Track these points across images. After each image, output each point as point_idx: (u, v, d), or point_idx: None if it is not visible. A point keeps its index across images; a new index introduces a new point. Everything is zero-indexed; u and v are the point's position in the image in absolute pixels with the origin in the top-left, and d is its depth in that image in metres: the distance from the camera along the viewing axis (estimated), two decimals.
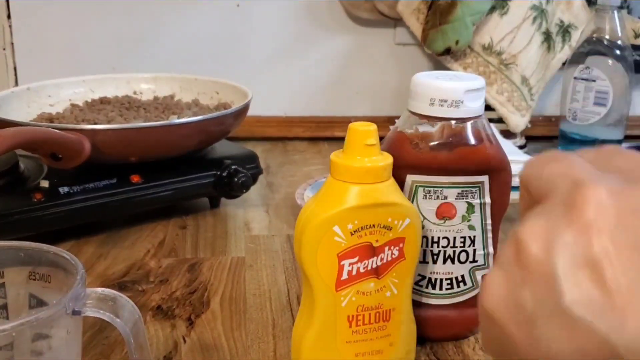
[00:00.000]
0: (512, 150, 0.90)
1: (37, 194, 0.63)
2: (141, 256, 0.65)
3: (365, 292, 0.43)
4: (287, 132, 1.06)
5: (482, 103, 0.48)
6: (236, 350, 0.50)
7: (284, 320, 0.54)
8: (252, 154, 0.78)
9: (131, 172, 0.69)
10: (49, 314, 0.34)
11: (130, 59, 1.04)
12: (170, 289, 0.59)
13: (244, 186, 0.73)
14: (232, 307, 0.56)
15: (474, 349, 0.51)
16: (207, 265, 0.63)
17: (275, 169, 0.91)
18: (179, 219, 0.74)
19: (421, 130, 0.48)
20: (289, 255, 0.66)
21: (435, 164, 0.47)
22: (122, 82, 0.88)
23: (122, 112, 0.78)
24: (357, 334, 0.44)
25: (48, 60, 1.02)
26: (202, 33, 1.04)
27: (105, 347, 0.50)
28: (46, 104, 0.82)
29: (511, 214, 0.52)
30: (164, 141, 0.69)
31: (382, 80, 1.09)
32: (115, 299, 0.37)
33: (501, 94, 0.99)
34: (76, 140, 0.63)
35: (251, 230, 0.72)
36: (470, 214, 0.49)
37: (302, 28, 1.05)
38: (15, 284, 0.40)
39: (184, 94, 0.87)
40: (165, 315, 0.54)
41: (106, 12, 1.01)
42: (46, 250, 0.39)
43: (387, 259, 0.43)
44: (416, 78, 0.48)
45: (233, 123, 0.74)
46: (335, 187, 0.43)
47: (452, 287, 0.50)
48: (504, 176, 0.49)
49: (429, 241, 0.49)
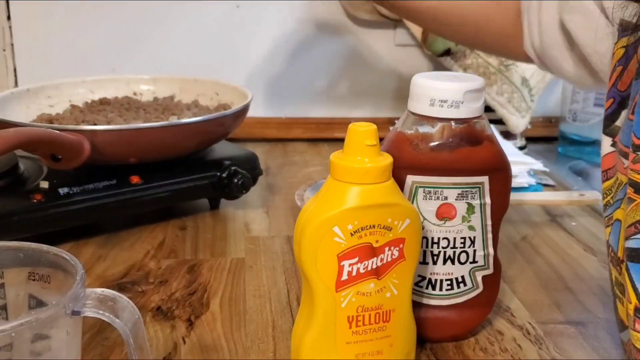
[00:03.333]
0: (512, 151, 0.90)
1: (36, 195, 0.63)
2: (141, 257, 0.65)
3: (365, 293, 0.43)
4: (287, 133, 1.06)
5: (482, 104, 0.48)
6: (236, 351, 0.50)
7: (284, 321, 0.54)
8: (252, 155, 0.78)
9: (131, 173, 0.69)
10: (49, 314, 0.34)
11: (130, 60, 1.04)
12: (170, 290, 0.58)
13: (244, 187, 0.73)
14: (232, 308, 0.56)
15: (474, 350, 0.51)
16: (206, 266, 0.63)
17: (275, 170, 0.91)
18: (179, 220, 0.73)
19: (421, 131, 0.48)
20: (288, 256, 0.66)
21: (435, 164, 0.47)
22: (122, 83, 0.88)
23: (122, 113, 0.78)
24: (357, 334, 0.44)
25: (48, 61, 1.02)
26: (202, 34, 1.04)
27: (105, 348, 0.50)
28: (46, 105, 0.82)
29: (511, 215, 0.52)
30: (164, 142, 0.68)
31: (382, 81, 1.09)
32: (115, 299, 0.37)
33: (501, 95, 0.99)
34: (76, 141, 0.63)
35: (251, 231, 0.72)
36: (470, 214, 0.49)
37: (302, 29, 1.05)
38: (14, 284, 0.40)
39: (183, 95, 0.87)
40: (165, 316, 0.54)
41: (106, 13, 1.01)
42: (46, 251, 0.39)
43: (387, 259, 0.43)
44: (416, 79, 0.48)
45: (233, 124, 0.74)
46: (335, 187, 0.43)
47: (452, 288, 0.50)
48: (504, 177, 0.49)
49: (429, 242, 0.49)
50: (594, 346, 0.52)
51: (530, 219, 0.77)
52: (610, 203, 0.46)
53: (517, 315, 0.56)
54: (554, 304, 0.58)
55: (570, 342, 0.53)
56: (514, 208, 0.75)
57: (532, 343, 0.52)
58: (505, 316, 0.56)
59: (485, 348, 0.51)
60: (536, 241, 0.71)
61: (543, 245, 0.70)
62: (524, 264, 0.66)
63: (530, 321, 0.55)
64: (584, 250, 0.69)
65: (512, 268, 0.65)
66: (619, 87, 0.47)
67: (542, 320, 0.56)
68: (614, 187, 0.45)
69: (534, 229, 0.74)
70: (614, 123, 0.47)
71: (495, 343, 0.52)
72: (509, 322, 0.55)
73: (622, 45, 0.47)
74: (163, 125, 0.69)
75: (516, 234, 0.72)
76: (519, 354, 0.51)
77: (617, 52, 0.48)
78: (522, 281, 0.62)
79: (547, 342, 0.52)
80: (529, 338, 0.53)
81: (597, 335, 0.53)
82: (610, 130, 0.47)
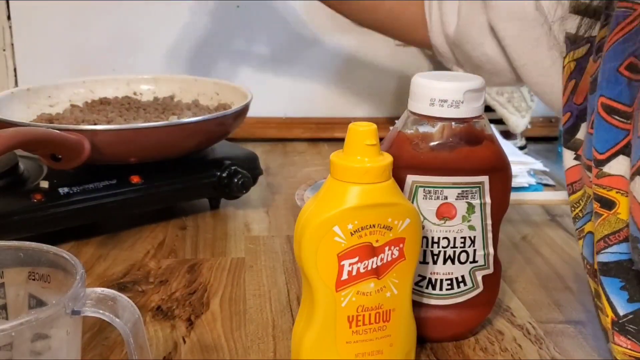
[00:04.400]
0: (512, 151, 0.90)
1: (36, 195, 0.63)
2: (141, 257, 0.65)
3: (366, 293, 0.43)
4: (287, 133, 1.06)
5: (482, 103, 0.48)
6: (236, 351, 0.50)
7: (284, 321, 0.54)
8: (252, 155, 0.78)
9: (131, 173, 0.69)
10: (49, 313, 0.34)
11: (130, 59, 1.04)
12: (170, 290, 0.58)
13: (244, 187, 0.73)
14: (232, 308, 0.56)
15: (474, 350, 0.51)
16: (206, 266, 0.63)
17: (275, 170, 0.91)
18: (179, 219, 0.73)
19: (421, 131, 0.48)
20: (289, 256, 0.66)
21: (435, 164, 0.47)
22: (122, 83, 0.88)
23: (122, 112, 0.78)
24: (357, 334, 0.44)
25: (48, 61, 1.03)
26: (202, 34, 1.04)
27: (105, 348, 0.50)
28: (46, 105, 0.82)
29: (511, 214, 0.52)
30: (164, 142, 0.68)
31: (382, 81, 1.09)
32: (115, 299, 0.37)
33: (501, 95, 0.99)
34: (76, 140, 0.63)
35: (251, 231, 0.72)
36: (470, 214, 0.49)
37: (302, 29, 1.05)
38: (14, 284, 0.40)
39: (183, 94, 0.87)
40: (165, 316, 0.54)
41: (106, 13, 1.01)
42: (46, 251, 0.39)
43: (387, 259, 0.43)
44: (416, 78, 0.48)
45: (233, 124, 0.74)
46: (335, 187, 0.42)
47: (452, 287, 0.50)
48: (504, 176, 0.49)
49: (429, 241, 0.49)
50: (594, 346, 0.52)
51: (530, 218, 0.77)
52: (580, 216, 0.46)
53: (517, 314, 0.56)
54: (554, 303, 0.58)
55: (570, 341, 0.53)
56: (514, 208, 0.75)
57: (532, 343, 0.52)
58: (505, 316, 0.56)
59: (485, 348, 0.51)
60: (536, 241, 0.71)
61: (543, 245, 0.70)
62: (524, 263, 0.66)
63: (530, 321, 0.55)
64: None
65: (512, 268, 0.65)
66: (575, 100, 0.47)
67: (542, 320, 0.56)
68: (582, 200, 0.45)
69: (534, 229, 0.74)
70: (574, 137, 0.47)
71: (495, 343, 0.52)
72: (509, 322, 0.55)
73: (573, 58, 0.47)
74: (163, 125, 0.69)
75: (516, 234, 0.72)
76: (519, 353, 0.51)
77: (568, 65, 0.48)
78: (522, 281, 0.62)
79: (547, 342, 0.52)
80: (529, 338, 0.53)
81: (597, 335, 0.53)
82: (572, 143, 0.47)
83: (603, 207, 0.40)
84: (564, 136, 0.48)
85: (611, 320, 0.40)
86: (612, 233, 0.39)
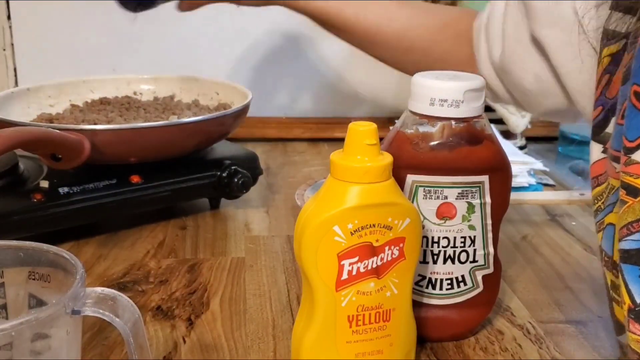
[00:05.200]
0: (512, 151, 0.90)
1: (36, 195, 0.63)
2: (141, 257, 0.65)
3: (366, 292, 0.43)
4: (287, 133, 1.06)
5: (482, 103, 0.48)
6: (236, 350, 0.50)
7: (284, 320, 0.54)
8: (252, 155, 0.78)
9: (131, 173, 0.69)
10: (49, 313, 0.34)
11: (131, 59, 1.04)
12: (170, 290, 0.58)
13: (244, 187, 0.73)
14: (232, 308, 0.56)
15: (474, 349, 0.51)
16: (207, 265, 0.63)
17: (275, 170, 0.91)
18: (179, 219, 0.73)
19: (421, 130, 0.48)
20: (289, 255, 0.66)
21: (435, 164, 0.47)
22: (122, 82, 0.88)
23: (122, 112, 0.78)
24: (357, 334, 0.44)
25: (48, 60, 1.03)
26: (202, 33, 1.04)
27: (105, 348, 0.50)
28: (46, 105, 0.82)
29: (511, 214, 0.52)
30: (164, 142, 0.68)
31: (382, 80, 1.09)
32: (115, 298, 0.37)
33: None
34: (76, 140, 0.63)
35: (251, 230, 0.72)
36: (470, 214, 0.48)
37: (302, 28, 1.05)
38: (14, 284, 0.40)
39: (184, 94, 0.87)
40: (165, 316, 0.54)
41: (106, 13, 1.01)
42: (46, 250, 0.39)
43: (387, 258, 0.43)
44: (416, 78, 0.48)
45: (233, 124, 0.74)
46: (335, 187, 0.42)
47: (452, 287, 0.50)
48: (504, 176, 0.49)
49: (429, 241, 0.49)
50: (594, 345, 0.52)
51: (530, 218, 0.77)
52: (602, 208, 0.46)
53: (517, 314, 0.56)
54: (554, 303, 0.58)
55: (570, 341, 0.53)
56: (514, 208, 0.75)
57: (532, 342, 0.52)
58: (506, 315, 0.56)
59: (485, 347, 0.51)
60: (536, 241, 0.71)
61: (543, 245, 0.70)
62: (524, 263, 0.66)
63: (531, 320, 0.55)
64: (584, 249, 0.69)
65: (512, 267, 0.64)
66: (607, 94, 0.47)
67: (542, 320, 0.56)
68: (605, 193, 0.45)
69: (534, 229, 0.74)
70: (603, 130, 0.47)
71: (495, 342, 0.52)
72: (509, 322, 0.55)
73: (609, 54, 0.47)
74: (163, 124, 0.69)
75: (516, 234, 0.72)
76: (519, 353, 0.51)
77: (604, 61, 0.48)
78: (522, 280, 0.62)
79: (547, 342, 0.52)
80: (529, 337, 0.53)
81: (597, 335, 0.53)
82: (601, 137, 0.47)
83: (629, 195, 0.40)
84: (593, 130, 0.48)
85: (628, 308, 0.40)
86: (635, 220, 0.39)
